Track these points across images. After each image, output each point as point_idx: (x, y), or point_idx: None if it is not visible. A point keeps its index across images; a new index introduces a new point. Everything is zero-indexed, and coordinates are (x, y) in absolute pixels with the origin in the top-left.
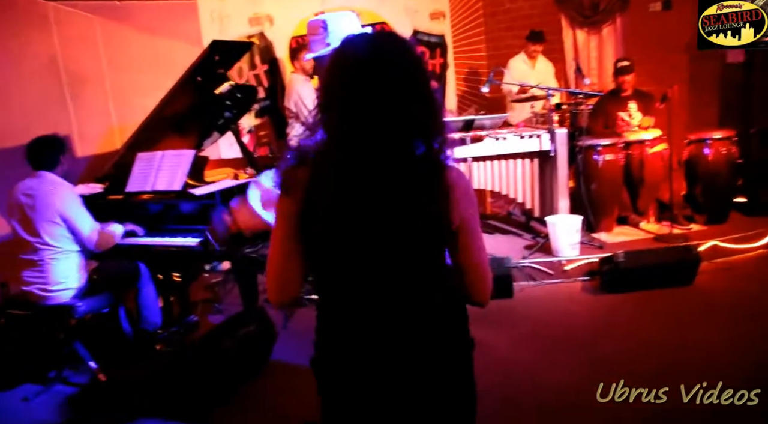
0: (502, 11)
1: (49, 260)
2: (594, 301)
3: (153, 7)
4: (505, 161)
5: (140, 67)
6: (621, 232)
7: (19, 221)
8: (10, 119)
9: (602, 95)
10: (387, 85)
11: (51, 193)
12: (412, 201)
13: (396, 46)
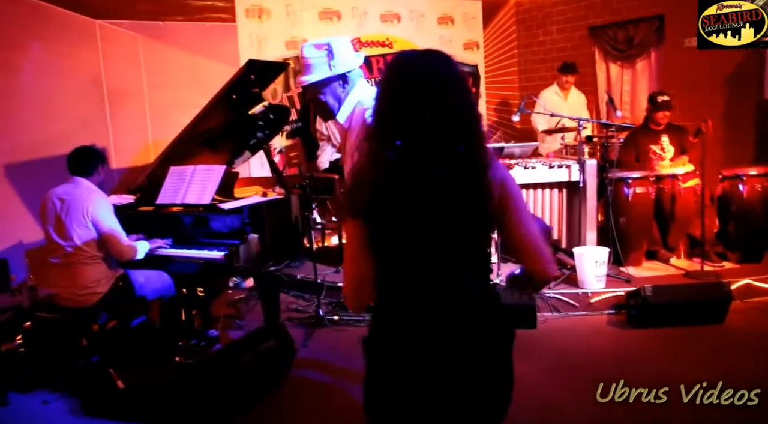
0: (536, 43)
1: (79, 265)
2: (620, 335)
3: (194, 28)
4: (534, 190)
5: (178, 85)
6: (650, 267)
7: (53, 225)
8: (55, 130)
9: (634, 128)
10: (445, 98)
11: (85, 199)
12: (466, 200)
13: (448, 63)
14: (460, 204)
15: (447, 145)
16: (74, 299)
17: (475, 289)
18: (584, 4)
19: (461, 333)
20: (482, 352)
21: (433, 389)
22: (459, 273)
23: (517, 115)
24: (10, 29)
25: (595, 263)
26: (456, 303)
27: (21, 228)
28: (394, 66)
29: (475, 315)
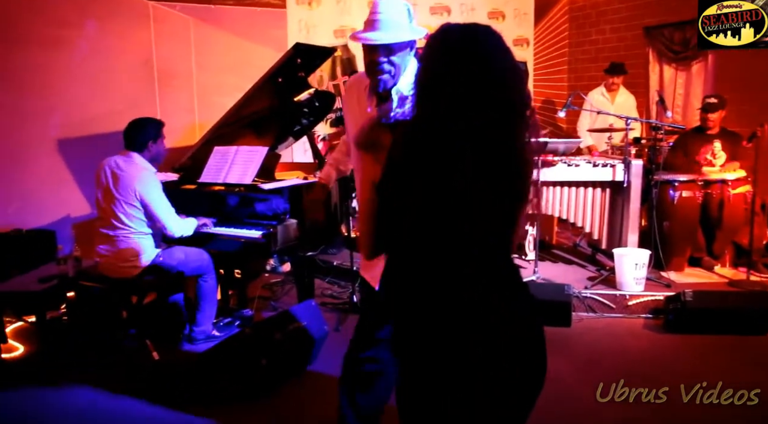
0: (588, 41)
1: (123, 238)
2: (656, 339)
3: (245, 12)
4: (576, 188)
5: (226, 68)
6: (692, 273)
7: (103, 196)
8: (105, 108)
9: (685, 130)
10: (490, 76)
11: (134, 177)
12: (494, 174)
13: (496, 40)
14: (487, 177)
15: (480, 117)
16: (116, 269)
17: (498, 265)
18: (640, 3)
19: (478, 309)
20: (500, 332)
21: (448, 364)
22: (481, 246)
23: (563, 111)
24: (66, 7)
25: (635, 265)
26: (475, 277)
27: (69, 202)
28: (438, 37)
29: (494, 293)
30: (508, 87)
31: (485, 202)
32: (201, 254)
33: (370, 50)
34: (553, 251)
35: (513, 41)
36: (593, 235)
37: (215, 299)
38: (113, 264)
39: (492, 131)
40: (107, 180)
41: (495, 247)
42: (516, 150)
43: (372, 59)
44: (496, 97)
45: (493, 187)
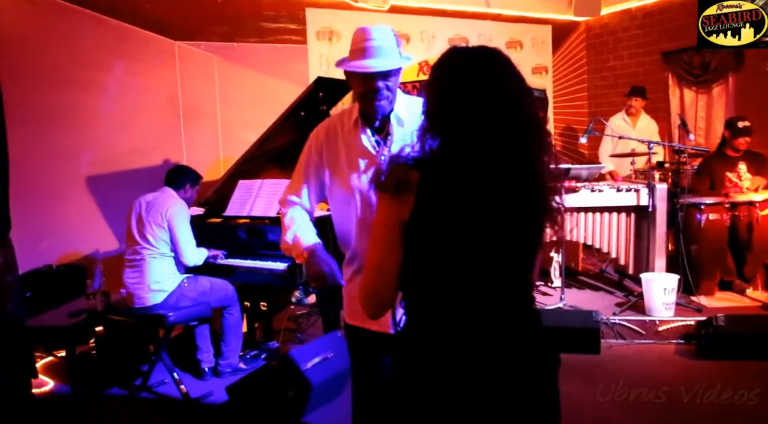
0: (606, 68)
1: (148, 258)
2: (688, 366)
3: (267, 49)
4: (600, 214)
5: (249, 103)
6: (723, 297)
7: (135, 224)
8: (133, 144)
9: (709, 153)
10: (507, 94)
11: (167, 202)
12: (530, 207)
13: (507, 62)
14: (521, 205)
15: (516, 147)
16: (143, 295)
17: (528, 302)
18: (657, 29)
19: (516, 351)
20: (534, 374)
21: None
22: (515, 282)
23: (585, 137)
24: (97, 49)
25: (664, 290)
26: (511, 316)
27: (98, 237)
28: (446, 59)
29: (529, 333)
30: (520, 101)
31: (522, 231)
32: (226, 285)
33: (366, 78)
34: (579, 277)
35: (531, 70)
36: (619, 260)
37: (240, 332)
38: (139, 288)
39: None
40: (140, 209)
41: (525, 284)
42: (536, 173)
43: (370, 87)
44: (508, 108)
45: (526, 218)
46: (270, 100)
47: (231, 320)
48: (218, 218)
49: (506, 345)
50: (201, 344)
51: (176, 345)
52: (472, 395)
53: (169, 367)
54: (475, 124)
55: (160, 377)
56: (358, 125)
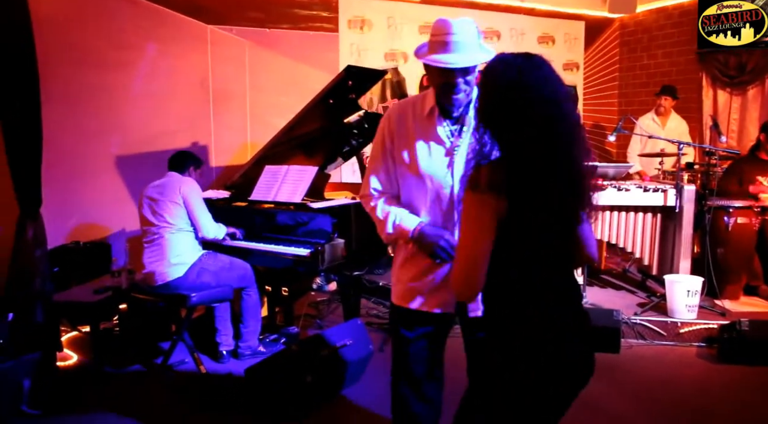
0: (639, 66)
1: (167, 235)
2: (709, 370)
3: (298, 36)
4: (626, 213)
5: (279, 89)
6: (748, 302)
7: (148, 208)
8: (163, 127)
9: (741, 156)
10: (562, 102)
11: (179, 180)
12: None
13: (548, 67)
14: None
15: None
16: (164, 270)
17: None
18: (693, 28)
19: (574, 314)
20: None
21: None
22: (568, 258)
23: (614, 135)
24: (128, 30)
25: (687, 292)
26: (567, 285)
27: (125, 217)
28: (493, 69)
29: (577, 299)
30: (565, 106)
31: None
32: (245, 265)
33: (445, 73)
34: (602, 276)
35: (563, 66)
36: (643, 260)
37: (259, 314)
38: (159, 265)
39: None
40: (151, 193)
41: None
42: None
43: (448, 81)
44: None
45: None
46: (299, 86)
47: (249, 301)
48: (244, 202)
49: (569, 310)
50: (220, 327)
51: (197, 327)
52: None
53: (190, 347)
54: (531, 129)
55: (180, 357)
56: (434, 114)
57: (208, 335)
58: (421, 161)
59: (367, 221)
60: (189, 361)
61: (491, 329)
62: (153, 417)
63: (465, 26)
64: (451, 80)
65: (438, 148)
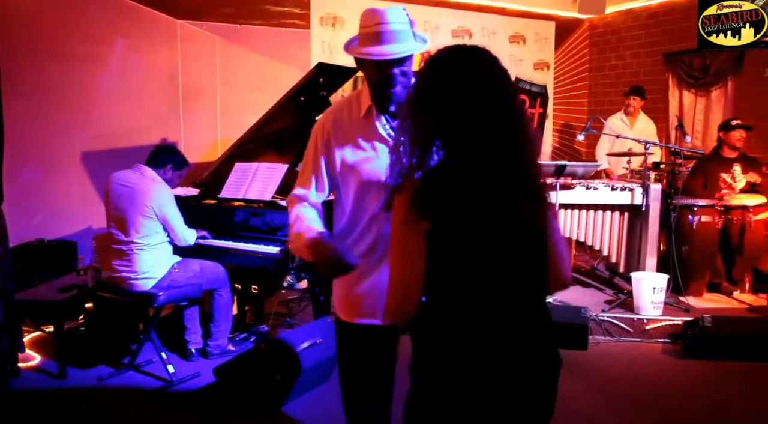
0: (608, 66)
1: (137, 251)
2: (674, 365)
3: (270, 32)
4: (594, 211)
5: (250, 86)
6: (711, 298)
7: (114, 213)
8: (132, 123)
9: (704, 155)
10: (503, 102)
11: (149, 190)
12: (530, 211)
13: (494, 60)
14: (528, 208)
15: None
16: (133, 282)
17: (541, 304)
18: (661, 30)
19: (528, 352)
20: (541, 373)
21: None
22: (529, 285)
23: (582, 134)
24: (96, 23)
25: (653, 289)
26: (527, 318)
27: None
28: (435, 64)
29: (542, 333)
30: (511, 103)
31: (531, 235)
32: (216, 267)
33: (381, 65)
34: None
35: (534, 65)
36: (611, 258)
37: (230, 313)
38: (129, 278)
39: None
40: (118, 197)
41: (538, 284)
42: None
43: (383, 74)
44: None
45: (532, 220)
46: (271, 83)
47: (221, 301)
48: (213, 199)
49: (512, 347)
50: (189, 325)
51: (165, 325)
52: (476, 392)
53: (157, 346)
54: (470, 131)
55: (147, 356)
56: (372, 113)
57: (176, 333)
58: (365, 163)
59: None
60: (156, 360)
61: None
62: (119, 420)
63: (397, 14)
64: (387, 73)
65: (382, 146)
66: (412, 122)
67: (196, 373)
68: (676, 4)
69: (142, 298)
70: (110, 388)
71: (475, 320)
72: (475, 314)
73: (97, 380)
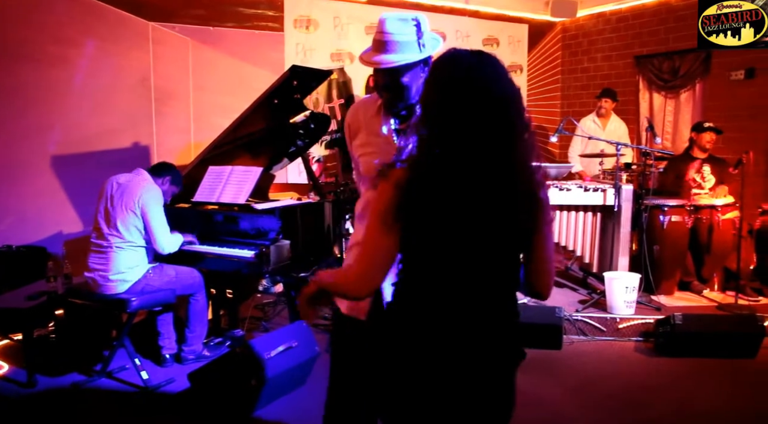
0: (580, 69)
1: (115, 248)
2: (646, 363)
3: (243, 35)
4: (567, 212)
5: (223, 89)
6: (682, 297)
7: (103, 206)
8: (103, 126)
9: (674, 155)
10: (496, 104)
11: (141, 186)
12: (510, 213)
13: (501, 68)
14: (508, 212)
15: (506, 156)
16: (106, 283)
17: (509, 305)
18: (631, 33)
19: (489, 350)
20: (494, 368)
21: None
22: (501, 288)
23: (555, 136)
24: (66, 24)
25: (626, 288)
26: (492, 318)
27: (62, 219)
28: (443, 64)
29: (503, 332)
30: (512, 107)
31: (507, 238)
32: (192, 273)
33: (377, 72)
34: None
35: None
36: (584, 258)
37: (206, 319)
38: (103, 277)
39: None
40: (111, 190)
41: (508, 286)
42: (535, 185)
43: (383, 81)
44: (517, 129)
45: (512, 224)
46: (244, 86)
47: (197, 307)
48: (186, 203)
49: (475, 339)
50: (163, 330)
51: (138, 331)
52: (435, 380)
53: (130, 353)
54: (466, 128)
55: (120, 363)
56: (380, 113)
57: (150, 339)
58: (365, 158)
59: (312, 222)
60: (130, 367)
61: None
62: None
63: (398, 24)
64: (379, 80)
65: (385, 148)
66: (423, 118)
67: (171, 379)
68: (645, 7)
69: (114, 303)
70: (82, 396)
71: (443, 317)
72: (444, 311)
73: (69, 388)
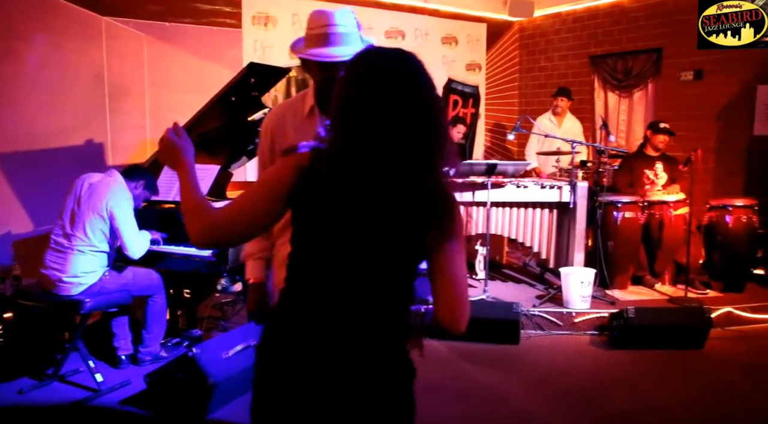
0: (537, 68)
1: (76, 252)
2: (601, 356)
3: (200, 31)
4: (524, 209)
5: (180, 86)
6: (635, 291)
7: (70, 205)
8: (55, 123)
9: (628, 154)
10: (415, 105)
11: (110, 187)
12: (408, 219)
13: (423, 69)
14: (407, 217)
15: (411, 159)
16: (60, 284)
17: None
18: (586, 33)
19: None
20: (381, 385)
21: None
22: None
23: (512, 134)
24: (15, 19)
25: (581, 283)
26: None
27: (12, 218)
28: (365, 59)
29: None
30: (441, 120)
31: (399, 244)
32: (150, 274)
33: (326, 67)
34: (503, 270)
35: (466, 66)
36: (541, 254)
37: (164, 319)
38: (58, 278)
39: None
40: (80, 190)
41: (394, 297)
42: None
43: (330, 76)
44: (420, 120)
45: (408, 230)
46: (202, 83)
47: (155, 308)
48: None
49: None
50: (117, 331)
51: (93, 333)
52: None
53: (84, 355)
54: (385, 127)
55: (74, 366)
56: (315, 113)
57: (105, 341)
58: None
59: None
60: (84, 370)
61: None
62: None
63: (345, 17)
64: (333, 75)
65: None
66: (337, 114)
67: (126, 381)
68: (599, 8)
69: (68, 305)
70: (32, 401)
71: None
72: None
73: (17, 394)
